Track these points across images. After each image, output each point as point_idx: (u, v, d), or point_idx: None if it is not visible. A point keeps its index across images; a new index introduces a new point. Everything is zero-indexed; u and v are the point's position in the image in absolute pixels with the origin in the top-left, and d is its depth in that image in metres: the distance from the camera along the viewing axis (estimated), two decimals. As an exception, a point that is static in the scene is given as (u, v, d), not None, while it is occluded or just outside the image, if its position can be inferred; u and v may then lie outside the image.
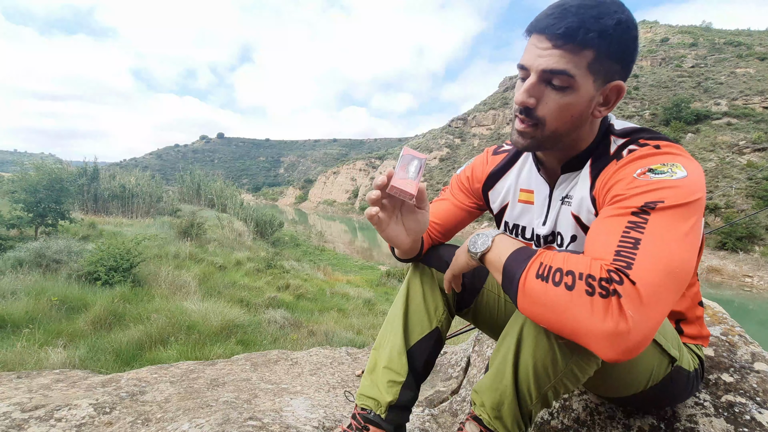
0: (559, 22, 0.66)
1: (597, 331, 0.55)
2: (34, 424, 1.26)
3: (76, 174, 14.20)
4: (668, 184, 0.63)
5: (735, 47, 59.85)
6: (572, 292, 0.57)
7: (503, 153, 1.01)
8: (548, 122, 0.73)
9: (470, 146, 67.31)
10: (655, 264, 0.56)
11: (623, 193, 0.66)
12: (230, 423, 1.16)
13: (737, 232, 25.62)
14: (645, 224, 0.60)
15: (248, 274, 9.73)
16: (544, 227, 0.88)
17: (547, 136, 0.75)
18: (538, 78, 0.70)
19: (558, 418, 1.13)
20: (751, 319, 15.87)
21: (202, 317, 4.85)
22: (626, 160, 0.71)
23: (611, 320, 0.54)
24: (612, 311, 0.54)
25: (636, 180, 0.66)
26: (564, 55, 0.67)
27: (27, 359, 3.17)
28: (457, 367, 1.92)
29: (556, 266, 0.60)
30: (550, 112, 0.72)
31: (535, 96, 0.71)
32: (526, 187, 0.93)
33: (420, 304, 0.98)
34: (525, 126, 0.74)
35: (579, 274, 0.57)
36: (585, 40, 0.65)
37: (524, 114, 0.73)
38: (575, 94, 0.70)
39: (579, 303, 0.56)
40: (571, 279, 0.58)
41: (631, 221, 0.61)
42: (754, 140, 35.22)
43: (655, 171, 0.65)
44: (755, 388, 0.99)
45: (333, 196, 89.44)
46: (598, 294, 0.55)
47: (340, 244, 27.26)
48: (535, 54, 0.70)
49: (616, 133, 0.79)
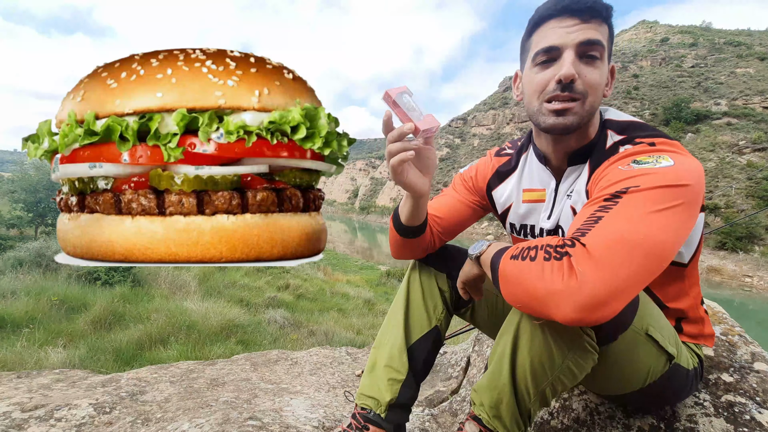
0: (580, 1, 0.73)
1: (553, 291, 0.58)
2: (34, 424, 1.27)
3: (76, 174, 14.20)
4: (648, 171, 0.64)
5: (735, 47, 59.91)
6: (534, 262, 0.61)
7: (506, 156, 1.02)
8: (589, 95, 0.75)
9: (470, 146, 67.33)
10: (610, 233, 0.59)
11: (605, 185, 0.68)
12: (230, 423, 1.16)
13: (737, 232, 25.64)
14: (613, 206, 0.62)
15: (248, 274, 9.73)
16: (549, 221, 0.89)
17: (587, 111, 0.76)
18: (576, 52, 0.74)
19: (558, 418, 1.13)
20: (751, 319, 15.88)
21: (202, 317, 4.85)
22: (618, 156, 0.73)
23: (562, 278, 0.57)
24: (563, 270, 0.57)
25: (619, 171, 0.68)
26: (595, 27, 0.73)
27: (27, 359, 3.17)
28: (457, 367, 1.92)
29: (526, 246, 0.65)
30: (589, 84, 0.74)
31: (577, 70, 0.74)
32: (530, 186, 0.94)
33: (420, 303, 0.99)
34: (565, 104, 0.75)
35: (540, 245, 0.62)
36: (606, 16, 0.74)
37: (568, 90, 0.74)
38: (603, 66, 0.75)
39: (537, 269, 0.60)
40: (534, 252, 0.62)
41: (601, 205, 0.63)
42: (754, 140, 35.25)
43: (638, 161, 0.68)
44: (755, 388, 0.99)
45: (333, 196, 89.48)
46: (553, 258, 0.59)
47: (340, 244, 27.28)
48: (565, 32, 0.74)
49: (614, 127, 0.81)
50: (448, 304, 1.01)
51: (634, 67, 62.56)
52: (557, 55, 0.74)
